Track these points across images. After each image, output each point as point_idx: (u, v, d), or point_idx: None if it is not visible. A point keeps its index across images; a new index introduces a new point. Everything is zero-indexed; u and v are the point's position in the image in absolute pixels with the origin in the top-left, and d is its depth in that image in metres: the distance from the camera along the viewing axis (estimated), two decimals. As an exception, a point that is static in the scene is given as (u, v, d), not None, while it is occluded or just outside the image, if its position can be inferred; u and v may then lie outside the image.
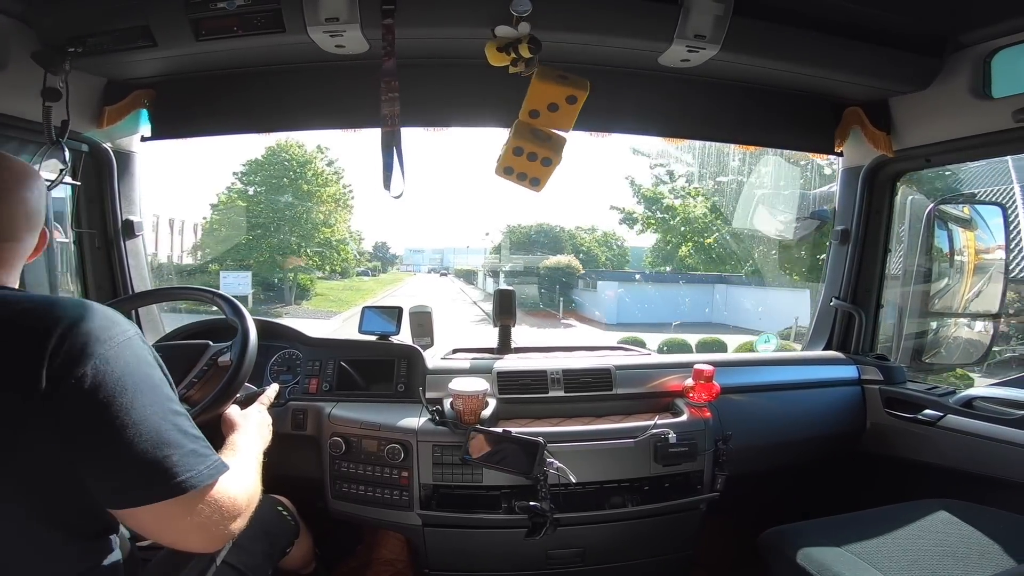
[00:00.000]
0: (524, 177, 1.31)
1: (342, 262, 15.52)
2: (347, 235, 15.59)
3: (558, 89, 1.23)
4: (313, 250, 14.02)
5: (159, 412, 0.69)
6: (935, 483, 1.53)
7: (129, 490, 0.68)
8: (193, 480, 0.69)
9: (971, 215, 1.75)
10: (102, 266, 1.71)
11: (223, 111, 1.64)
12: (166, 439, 0.69)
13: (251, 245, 12.90)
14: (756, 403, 1.64)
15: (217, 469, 0.74)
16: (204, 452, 0.73)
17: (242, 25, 1.26)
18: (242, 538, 0.81)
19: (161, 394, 0.72)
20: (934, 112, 1.55)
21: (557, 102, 1.24)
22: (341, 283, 16.67)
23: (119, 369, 0.67)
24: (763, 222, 2.21)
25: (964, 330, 1.83)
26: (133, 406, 0.67)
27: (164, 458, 0.68)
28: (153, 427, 0.68)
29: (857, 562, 1.13)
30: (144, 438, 0.67)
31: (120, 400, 0.66)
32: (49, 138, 1.29)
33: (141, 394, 0.68)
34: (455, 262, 26.63)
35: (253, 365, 1.17)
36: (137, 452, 0.66)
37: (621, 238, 18.27)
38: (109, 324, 0.70)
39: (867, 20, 1.36)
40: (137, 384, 0.68)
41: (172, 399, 0.73)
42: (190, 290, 1.36)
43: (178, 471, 0.68)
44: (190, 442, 0.71)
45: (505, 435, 1.27)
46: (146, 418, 0.68)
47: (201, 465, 0.71)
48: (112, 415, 0.66)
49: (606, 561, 1.40)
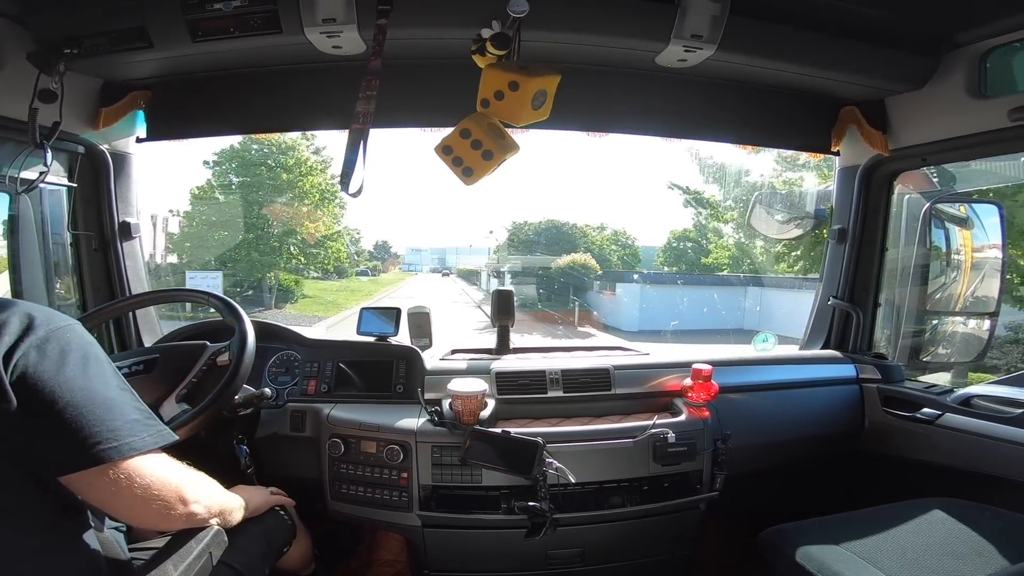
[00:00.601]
0: (460, 163, 1.23)
1: (334, 260, 14.66)
2: (336, 230, 14.56)
3: (502, 76, 1.16)
4: (296, 247, 13.07)
5: (103, 382, 0.74)
6: (933, 482, 1.53)
7: (69, 455, 0.70)
8: (135, 443, 0.72)
9: (968, 214, 1.76)
10: (99, 268, 1.70)
11: (220, 112, 1.64)
12: (108, 405, 0.72)
13: (224, 242, 11.99)
14: (755, 402, 1.64)
15: (162, 437, 0.76)
16: (147, 421, 0.76)
17: (239, 26, 1.26)
18: (239, 539, 0.82)
19: (105, 368, 0.75)
20: (930, 111, 1.56)
21: (501, 89, 1.17)
22: (336, 283, 15.75)
23: (62, 344, 0.72)
24: (760, 222, 2.22)
25: (961, 328, 1.83)
26: (76, 374, 0.71)
27: (107, 421, 0.71)
28: (98, 394, 0.72)
29: (856, 561, 1.13)
30: (89, 402, 0.70)
31: (65, 368, 0.70)
32: (33, 140, 1.28)
33: (84, 365, 0.72)
34: (457, 262, 26.35)
35: (251, 366, 1.17)
36: (77, 415, 0.69)
37: (633, 237, 17.62)
38: (50, 313, 0.75)
39: (863, 20, 1.36)
40: (82, 357, 0.73)
41: (115, 373, 0.77)
42: (188, 292, 1.36)
43: (120, 435, 0.71)
44: (133, 412, 0.75)
45: (504, 435, 1.27)
46: (89, 386, 0.72)
47: (144, 432, 0.74)
48: (57, 382, 0.69)
49: (606, 561, 1.40)
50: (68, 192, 1.61)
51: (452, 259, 28.54)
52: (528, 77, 1.15)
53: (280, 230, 12.83)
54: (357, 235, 19.73)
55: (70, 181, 1.58)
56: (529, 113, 1.18)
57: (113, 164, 1.65)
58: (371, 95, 1.19)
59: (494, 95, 1.17)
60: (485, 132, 1.20)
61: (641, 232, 14.88)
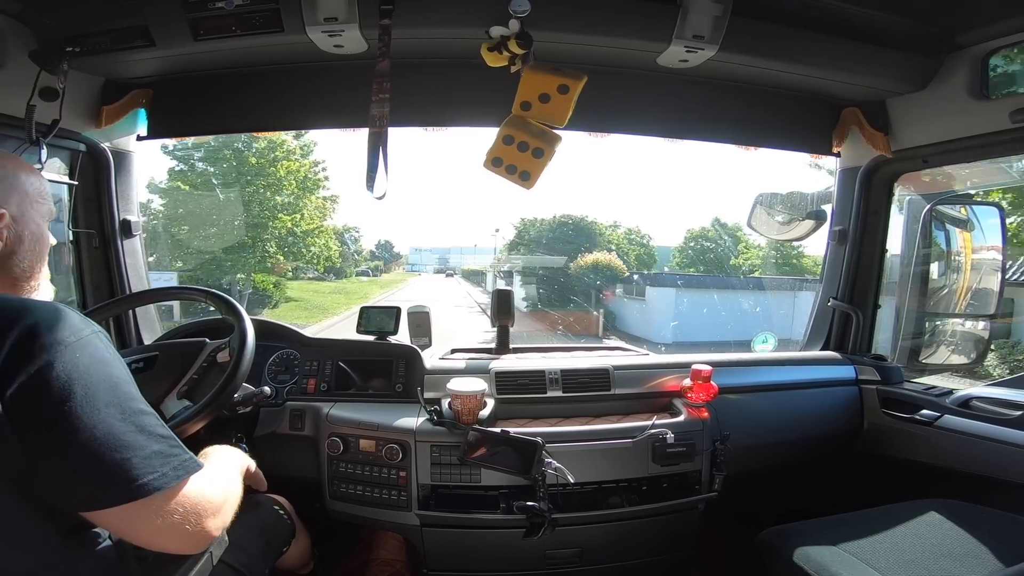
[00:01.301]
0: (514, 170, 1.25)
1: (325, 260, 13.11)
2: (318, 225, 12.63)
3: (549, 79, 1.19)
4: (275, 244, 11.40)
5: (116, 413, 0.67)
6: (932, 483, 1.53)
7: (83, 495, 0.66)
8: (156, 482, 0.68)
9: (968, 216, 1.76)
10: (99, 266, 1.71)
11: (221, 111, 1.64)
12: (124, 441, 0.67)
13: (185, 239, 10.43)
14: (754, 403, 1.64)
15: (186, 468, 0.72)
16: (170, 452, 0.71)
17: (240, 25, 1.26)
18: (239, 538, 0.81)
19: (120, 393, 0.69)
20: (932, 113, 1.56)
21: (548, 92, 1.20)
22: (330, 285, 14.48)
23: (69, 370, 0.65)
24: (760, 223, 2.22)
25: (961, 330, 1.83)
26: (84, 409, 0.65)
27: (121, 461, 0.66)
28: (108, 429, 0.66)
29: (854, 561, 1.14)
30: (98, 441, 0.65)
31: (71, 403, 0.64)
32: (29, 137, 1.28)
33: (94, 396, 0.66)
34: (462, 262, 25.95)
35: (251, 364, 1.17)
36: (90, 455, 0.64)
37: (647, 235, 16.09)
38: (61, 325, 0.68)
39: (865, 21, 1.36)
40: (90, 386, 0.66)
41: (133, 397, 0.71)
42: (187, 290, 1.36)
43: (137, 474, 0.66)
44: (153, 443, 0.69)
45: (503, 435, 1.27)
46: (101, 420, 0.66)
47: (166, 467, 0.69)
48: (63, 417, 0.64)
49: (604, 561, 1.40)
50: (68, 190, 1.62)
51: (456, 259, 28.28)
52: (575, 80, 1.19)
53: (250, 223, 11.17)
54: (357, 234, 19.05)
55: (71, 179, 1.59)
56: (570, 114, 1.23)
57: (114, 162, 1.66)
58: (384, 97, 1.21)
59: (539, 98, 1.21)
60: (528, 133, 1.24)
61: (655, 231, 14.50)
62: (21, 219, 0.82)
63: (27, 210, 0.83)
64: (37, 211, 0.85)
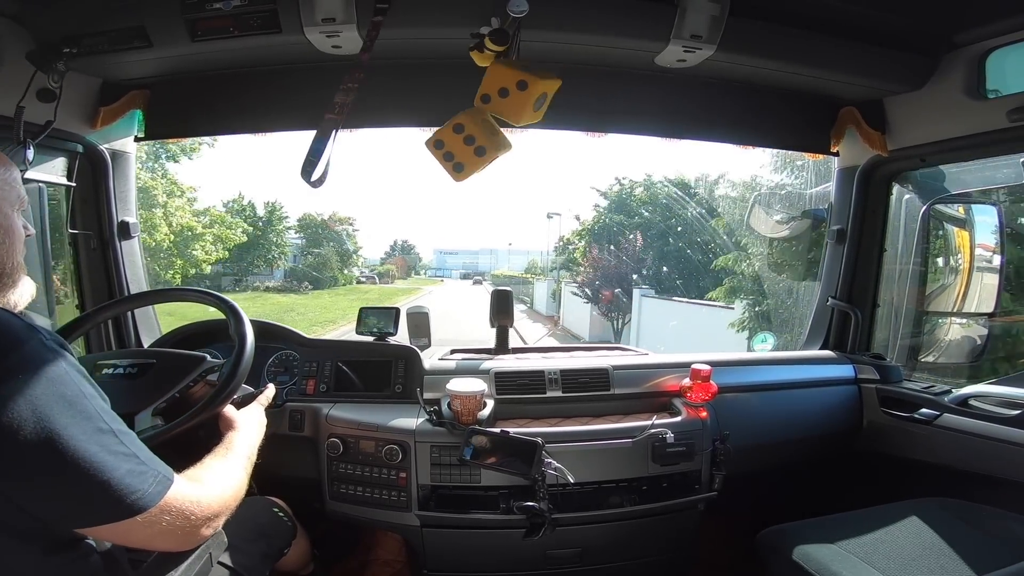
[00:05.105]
0: (451, 158, 1.21)
1: (261, 264, 11.23)
2: (193, 224, 10.71)
3: (510, 73, 1.14)
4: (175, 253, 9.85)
5: (82, 435, 0.63)
6: (931, 482, 1.53)
7: (70, 517, 0.65)
8: (141, 502, 0.66)
9: (966, 215, 1.76)
10: (98, 268, 1.70)
11: (219, 112, 1.63)
12: (98, 464, 0.63)
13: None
14: (753, 403, 1.64)
15: (162, 484, 0.69)
16: (143, 469, 0.68)
17: (238, 26, 1.26)
18: (238, 540, 0.81)
19: (76, 413, 0.64)
20: (929, 112, 1.56)
21: (507, 87, 1.15)
22: (298, 299, 11.95)
23: (14, 403, 0.59)
24: (759, 222, 2.22)
25: (959, 329, 1.83)
26: (51, 436, 0.60)
27: (101, 484, 0.63)
28: (79, 453, 0.62)
29: (854, 560, 1.14)
30: (74, 467, 0.61)
31: (30, 430, 0.59)
32: (16, 138, 1.26)
33: (54, 418, 0.61)
34: (495, 264, 23.32)
35: (250, 366, 1.17)
36: (71, 483, 0.62)
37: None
38: (6, 346, 0.62)
39: (862, 20, 1.37)
40: (45, 411, 0.61)
41: (93, 415, 0.65)
42: (186, 291, 1.36)
43: (122, 495, 0.64)
44: (124, 462, 0.66)
45: (503, 435, 1.27)
46: (70, 446, 0.61)
47: (145, 485, 0.67)
48: (20, 456, 0.59)
49: (604, 561, 1.40)
50: (66, 191, 1.61)
51: (485, 262, 26.09)
52: (538, 79, 1.14)
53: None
54: (352, 228, 16.89)
55: (69, 180, 1.58)
56: (530, 114, 1.18)
57: (112, 163, 1.65)
58: (352, 87, 1.17)
59: (498, 92, 1.16)
60: (480, 128, 1.19)
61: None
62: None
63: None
64: (2, 199, 0.77)
